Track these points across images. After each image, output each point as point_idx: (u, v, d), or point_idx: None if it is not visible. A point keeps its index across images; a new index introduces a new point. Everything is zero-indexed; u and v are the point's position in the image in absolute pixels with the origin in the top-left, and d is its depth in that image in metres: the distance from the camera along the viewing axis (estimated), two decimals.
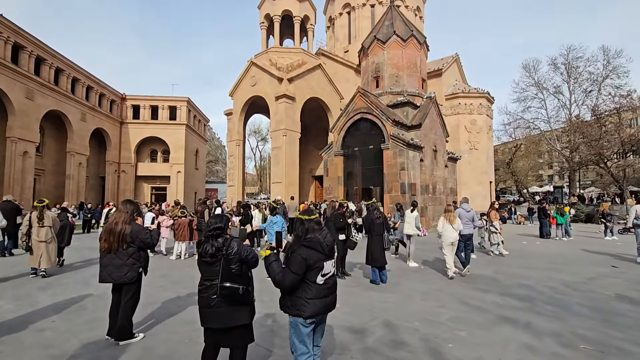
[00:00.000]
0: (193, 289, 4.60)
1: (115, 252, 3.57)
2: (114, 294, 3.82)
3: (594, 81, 30.19)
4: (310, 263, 2.45)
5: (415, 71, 17.92)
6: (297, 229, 2.65)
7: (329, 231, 2.71)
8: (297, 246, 2.53)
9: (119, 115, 33.00)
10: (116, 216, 3.68)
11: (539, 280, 6.53)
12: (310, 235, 2.53)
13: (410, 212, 8.17)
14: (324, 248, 2.52)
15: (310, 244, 2.48)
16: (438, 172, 17.68)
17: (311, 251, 2.48)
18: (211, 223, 2.67)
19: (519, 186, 37.45)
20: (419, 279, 6.67)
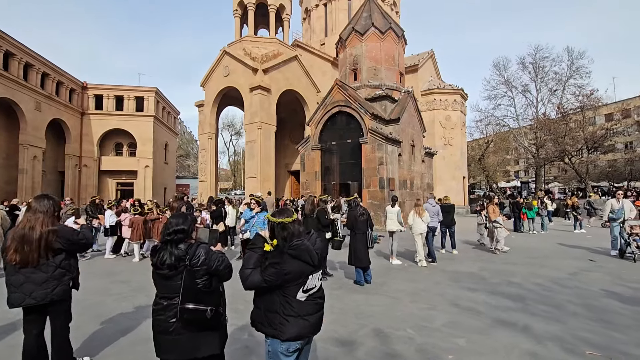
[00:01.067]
0: None
1: (35, 265, 2.65)
2: (28, 324, 2.79)
3: (559, 81, 31.43)
4: (290, 278, 1.90)
5: (393, 65, 17.68)
6: (277, 235, 2.03)
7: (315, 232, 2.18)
8: (279, 256, 1.95)
9: (79, 105, 30.64)
10: (29, 218, 2.71)
11: (525, 277, 6.36)
12: (297, 242, 1.94)
13: (391, 207, 7.84)
14: (313, 258, 1.95)
15: (297, 253, 1.91)
16: (415, 167, 17.60)
17: (296, 263, 1.91)
18: (170, 224, 2.06)
19: (490, 181, 38.58)
20: (405, 278, 6.32)
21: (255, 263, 1.94)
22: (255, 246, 2.02)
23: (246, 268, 1.94)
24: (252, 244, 2.06)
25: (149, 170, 32.24)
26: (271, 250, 1.99)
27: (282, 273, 1.87)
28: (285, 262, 1.90)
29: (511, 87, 34.43)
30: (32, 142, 25.02)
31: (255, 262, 1.95)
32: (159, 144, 34.63)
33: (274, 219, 2.03)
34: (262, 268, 1.92)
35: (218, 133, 24.62)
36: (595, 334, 3.82)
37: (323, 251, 2.07)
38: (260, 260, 1.96)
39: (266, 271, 1.90)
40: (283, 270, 1.87)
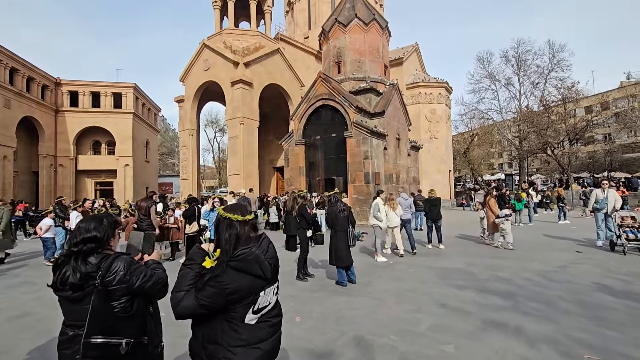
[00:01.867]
0: None
1: None
2: None
3: (541, 74, 31.78)
4: (235, 298, 1.47)
5: (377, 57, 17.34)
6: (221, 236, 1.57)
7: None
8: (220, 270, 1.50)
9: (53, 102, 29.29)
10: None
11: (514, 272, 6.13)
12: (243, 251, 1.50)
13: (372, 200, 7.65)
14: (265, 269, 1.53)
15: (244, 265, 1.48)
16: (401, 161, 17.37)
17: (243, 277, 1.48)
18: (78, 231, 1.62)
19: (475, 174, 38.90)
20: (390, 277, 6.00)
21: (191, 284, 1.52)
22: (192, 262, 1.57)
23: (178, 291, 1.50)
24: (188, 258, 1.61)
25: (129, 169, 31.20)
26: (212, 266, 1.55)
27: (225, 293, 1.44)
28: (227, 278, 1.46)
29: (495, 81, 34.69)
30: (1, 141, 23.78)
31: (191, 282, 1.52)
32: (139, 141, 33.55)
33: (223, 213, 1.60)
34: (198, 288, 1.49)
35: (200, 129, 23.86)
36: (590, 334, 3.56)
37: (276, 260, 1.65)
38: (197, 279, 1.54)
39: (203, 291, 1.45)
40: (225, 289, 1.44)
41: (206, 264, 1.54)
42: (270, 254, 1.59)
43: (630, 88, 37.60)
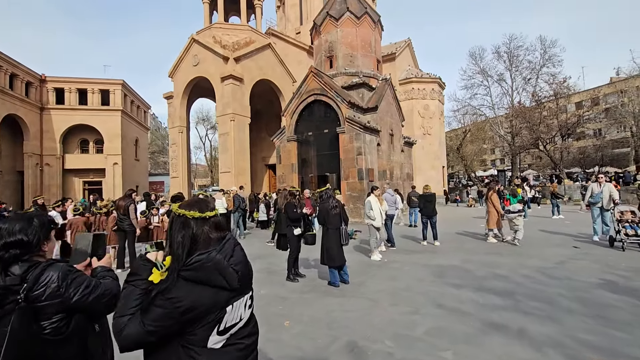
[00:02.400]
0: None
1: None
2: None
3: (533, 69, 31.83)
4: (192, 317, 1.16)
5: (369, 51, 17.07)
6: (172, 239, 1.26)
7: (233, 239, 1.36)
8: (170, 280, 1.20)
9: (38, 99, 28.49)
10: None
11: (512, 269, 5.94)
12: (200, 257, 1.20)
13: (366, 196, 7.38)
14: (230, 278, 1.22)
15: (200, 275, 1.18)
16: (395, 157, 17.18)
17: (199, 289, 1.18)
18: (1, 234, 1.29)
19: (468, 170, 38.99)
20: (385, 276, 5.76)
21: (137, 305, 1.20)
22: (137, 277, 1.25)
23: (121, 315, 1.19)
24: (131, 273, 1.28)
25: (118, 167, 30.57)
26: (162, 280, 1.23)
27: (177, 312, 1.13)
28: (180, 293, 1.15)
29: (487, 77, 34.66)
30: None
31: (136, 303, 1.20)
32: (129, 139, 32.89)
33: (176, 209, 1.29)
34: (143, 309, 1.18)
35: (190, 126, 23.38)
36: (596, 335, 3.36)
37: (246, 268, 1.33)
38: (144, 299, 1.22)
39: (148, 314, 1.15)
40: (177, 308, 1.13)
41: (153, 278, 1.22)
42: (237, 259, 1.28)
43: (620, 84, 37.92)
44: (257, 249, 8.69)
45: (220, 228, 1.33)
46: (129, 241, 6.46)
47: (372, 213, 6.90)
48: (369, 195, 7.33)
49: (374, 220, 6.89)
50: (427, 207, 8.83)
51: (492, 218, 8.74)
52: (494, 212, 8.71)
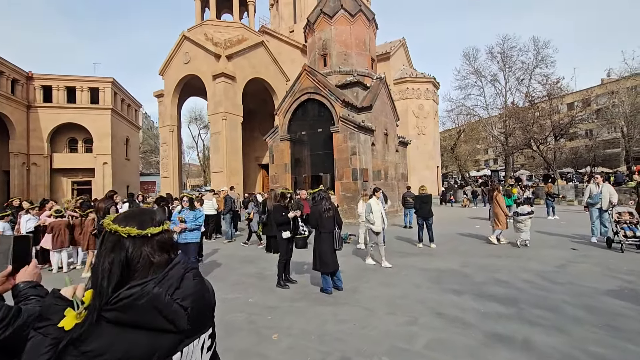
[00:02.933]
0: None
1: None
2: None
3: (526, 70, 31.89)
4: None
5: (364, 50, 16.83)
6: (96, 265, 0.92)
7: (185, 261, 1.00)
8: (87, 323, 0.84)
9: (24, 97, 27.75)
10: None
11: (512, 272, 5.72)
12: (130, 291, 0.86)
13: (360, 198, 7.12)
14: (176, 317, 0.90)
15: (129, 316, 0.85)
16: (390, 157, 16.96)
17: (130, 335, 0.85)
18: None
19: (462, 170, 38.99)
20: (380, 282, 5.49)
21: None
22: (46, 322, 0.87)
23: None
24: (40, 316, 0.90)
25: (108, 167, 29.93)
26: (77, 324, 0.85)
27: None
28: (100, 343, 0.82)
29: (481, 77, 34.62)
30: None
31: (47, 358, 0.83)
32: (119, 138, 32.24)
33: (109, 224, 0.97)
34: None
35: (181, 125, 22.93)
36: (608, 348, 3.12)
37: (199, 301, 1.01)
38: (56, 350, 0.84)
39: None
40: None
41: (65, 324, 0.85)
42: (186, 291, 0.95)
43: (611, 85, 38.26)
44: (248, 252, 8.38)
45: (168, 249, 1.01)
46: None
47: (372, 216, 6.49)
48: (370, 197, 6.94)
49: (374, 224, 6.48)
50: (423, 209, 8.60)
51: (501, 219, 8.48)
52: (500, 213, 8.47)
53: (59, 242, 6.31)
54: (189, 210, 5.38)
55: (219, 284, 5.59)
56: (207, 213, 10.72)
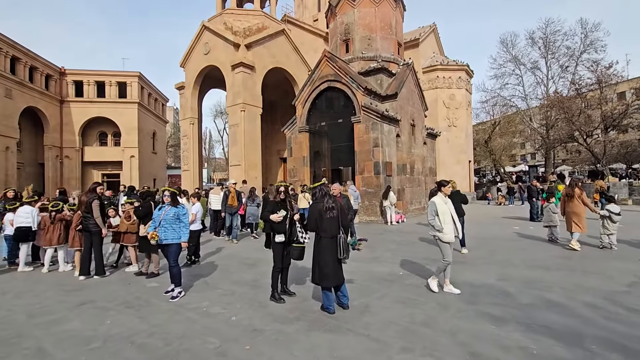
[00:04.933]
0: None
1: None
2: None
3: (571, 56, 29.06)
4: None
5: (390, 33, 15.52)
6: None
7: None
8: None
9: (57, 92, 28.70)
10: None
11: (568, 292, 4.50)
12: None
13: (433, 199, 4.95)
14: None
15: None
16: (416, 150, 15.63)
17: None
18: None
19: (497, 166, 36.46)
20: (397, 298, 4.46)
21: None
22: None
23: None
24: None
25: (135, 160, 30.55)
26: None
27: None
28: None
29: (519, 65, 32.07)
30: (3, 131, 23.27)
31: None
32: (145, 132, 32.83)
33: None
34: None
35: (202, 118, 22.60)
36: None
37: None
38: None
39: None
40: None
41: None
42: None
43: None
44: (250, 253, 7.58)
45: None
46: (95, 243, 5.49)
47: (438, 221, 4.70)
48: (432, 195, 5.12)
49: (442, 231, 4.66)
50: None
51: (583, 221, 7.27)
52: (582, 214, 7.27)
53: (47, 239, 5.79)
54: (170, 207, 4.60)
55: (207, 293, 4.80)
56: (215, 208, 10.08)
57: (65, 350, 3.12)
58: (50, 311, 4.13)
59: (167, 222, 4.52)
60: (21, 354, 3.05)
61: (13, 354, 3.07)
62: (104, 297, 4.63)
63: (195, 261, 6.44)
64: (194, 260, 6.43)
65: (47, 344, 3.25)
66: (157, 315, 3.96)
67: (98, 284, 5.30)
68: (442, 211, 4.70)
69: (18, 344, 3.25)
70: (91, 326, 3.66)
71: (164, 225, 4.54)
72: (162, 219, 4.54)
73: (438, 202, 4.77)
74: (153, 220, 4.61)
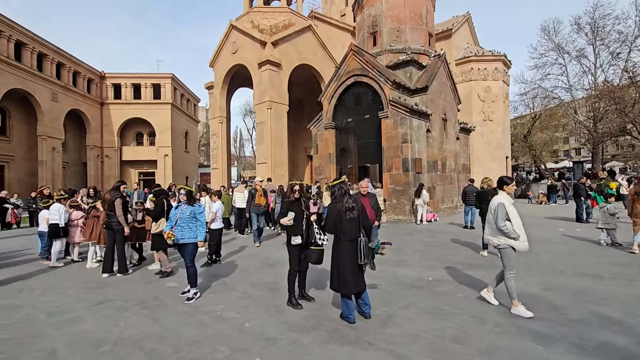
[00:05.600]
0: None
1: None
2: None
3: (624, 42, 26.50)
4: None
5: (420, 24, 14.82)
6: None
7: None
8: None
9: (98, 95, 30.35)
10: None
11: (625, 307, 3.88)
12: None
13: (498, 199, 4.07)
14: None
15: None
16: (448, 146, 14.85)
17: None
18: None
19: (537, 162, 34.19)
20: (425, 307, 4.06)
21: None
22: None
23: None
24: None
25: (169, 159, 31.70)
26: None
27: None
28: None
29: (563, 53, 29.74)
30: (50, 133, 24.83)
31: None
32: (178, 132, 33.96)
33: None
34: None
35: (230, 117, 22.91)
36: None
37: None
38: None
39: None
40: None
41: None
42: None
43: None
44: (272, 252, 7.40)
45: None
46: (117, 241, 5.53)
47: (510, 226, 3.87)
48: (495, 193, 4.29)
49: (517, 238, 3.83)
50: (484, 208, 6.80)
51: None
52: None
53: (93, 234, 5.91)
54: (186, 205, 4.47)
55: (223, 295, 4.65)
56: (239, 206, 10.02)
57: (76, 353, 3.05)
58: (69, 309, 4.14)
59: (184, 221, 4.40)
60: (32, 356, 3.00)
61: (25, 355, 3.03)
62: (122, 296, 4.61)
63: (216, 260, 6.35)
64: (215, 260, 6.34)
65: (60, 345, 3.20)
66: (170, 317, 3.84)
67: (120, 282, 5.32)
68: (512, 214, 3.91)
69: (32, 345, 3.22)
70: (105, 327, 3.59)
71: (180, 224, 4.43)
72: (178, 217, 4.43)
73: (506, 201, 3.97)
74: (170, 219, 4.51)
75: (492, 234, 4.03)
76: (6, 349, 3.15)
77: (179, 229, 4.39)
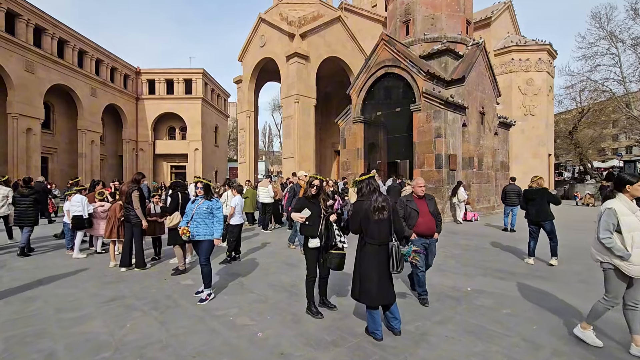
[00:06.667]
0: None
1: None
2: None
3: None
4: None
5: (456, 10, 13.84)
6: None
7: None
8: None
9: (134, 90, 31.44)
10: None
11: None
12: None
13: (610, 203, 3.05)
14: None
15: None
16: (486, 142, 13.84)
17: None
18: None
19: (583, 160, 31.65)
20: (464, 326, 3.50)
21: None
22: None
23: None
24: None
25: (199, 153, 32.35)
26: None
27: None
28: None
29: (616, 42, 27.12)
30: (89, 127, 25.96)
31: None
32: (208, 126, 34.54)
33: None
34: None
35: (258, 111, 22.84)
36: None
37: None
38: None
39: None
40: None
41: None
42: None
43: None
44: (295, 251, 7.02)
45: None
46: (135, 235, 5.36)
47: (618, 243, 2.90)
48: (607, 197, 3.18)
49: (627, 258, 2.83)
50: (535, 209, 6.05)
51: None
52: None
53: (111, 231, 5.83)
54: (203, 200, 4.17)
55: (238, 296, 4.32)
56: (263, 201, 9.75)
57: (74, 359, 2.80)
58: (79, 306, 3.97)
59: (200, 217, 4.11)
60: (29, 358, 2.79)
61: (23, 356, 2.83)
62: (135, 293, 4.40)
63: (235, 257, 6.07)
64: (234, 257, 6.07)
65: (60, 347, 2.98)
66: (179, 321, 3.55)
67: (136, 277, 5.15)
68: (628, 226, 2.85)
69: (32, 344, 3.03)
70: (110, 328, 3.36)
71: (196, 220, 4.14)
72: (194, 212, 4.14)
73: (621, 209, 2.91)
74: (185, 214, 4.23)
75: (595, 246, 3.13)
76: (6, 348, 2.97)
77: (194, 224, 4.10)
